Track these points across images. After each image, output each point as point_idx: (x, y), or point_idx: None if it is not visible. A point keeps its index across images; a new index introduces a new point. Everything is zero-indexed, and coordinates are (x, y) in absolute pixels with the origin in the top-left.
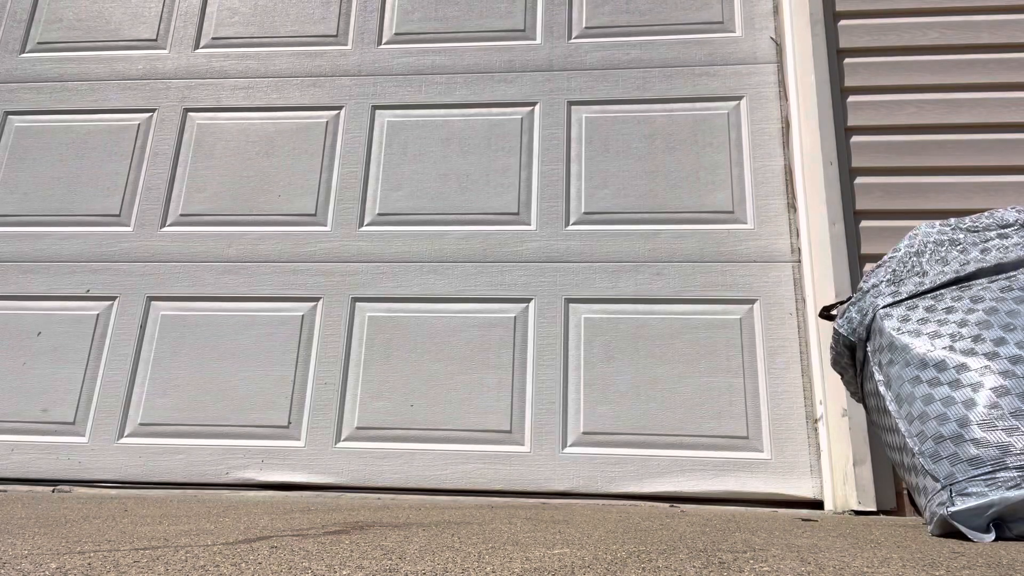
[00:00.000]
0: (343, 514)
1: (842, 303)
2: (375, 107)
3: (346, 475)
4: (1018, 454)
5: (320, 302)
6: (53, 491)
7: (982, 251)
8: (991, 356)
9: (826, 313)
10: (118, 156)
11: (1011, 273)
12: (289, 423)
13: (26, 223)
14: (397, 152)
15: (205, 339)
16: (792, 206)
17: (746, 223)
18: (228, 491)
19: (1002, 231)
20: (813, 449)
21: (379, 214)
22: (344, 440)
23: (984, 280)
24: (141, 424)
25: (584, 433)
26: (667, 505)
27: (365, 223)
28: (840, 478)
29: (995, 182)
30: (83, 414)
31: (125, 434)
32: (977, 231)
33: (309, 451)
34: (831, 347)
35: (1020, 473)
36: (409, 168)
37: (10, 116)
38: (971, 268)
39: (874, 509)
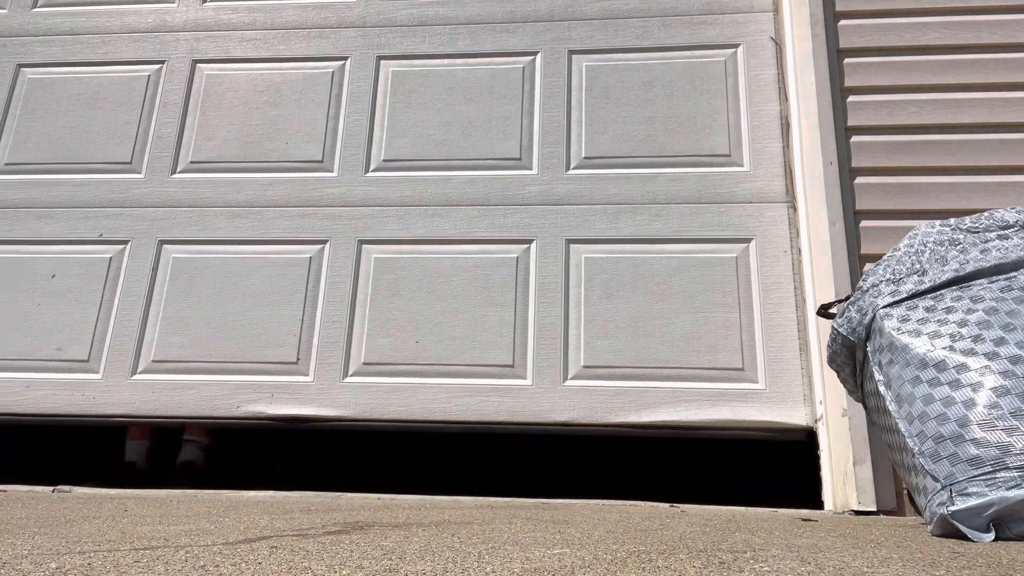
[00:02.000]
0: (343, 514)
1: (841, 302)
2: (380, 57)
3: (353, 408)
4: (1018, 454)
5: (327, 245)
6: (53, 491)
7: (982, 251)
8: (991, 356)
9: (824, 311)
10: (129, 106)
11: (1011, 273)
12: (298, 359)
13: (40, 171)
14: (402, 101)
15: (216, 280)
16: (787, 149)
17: (742, 166)
18: (238, 423)
19: (1002, 232)
20: (806, 380)
21: (384, 160)
22: (351, 375)
23: (984, 280)
24: (154, 361)
25: (584, 367)
26: (667, 505)
27: (371, 169)
28: (840, 478)
29: (995, 182)
30: (97, 352)
31: (138, 371)
32: (977, 231)
33: (317, 386)
34: (828, 345)
35: (1020, 473)
36: (414, 116)
37: (23, 68)
38: (971, 268)
39: (874, 509)
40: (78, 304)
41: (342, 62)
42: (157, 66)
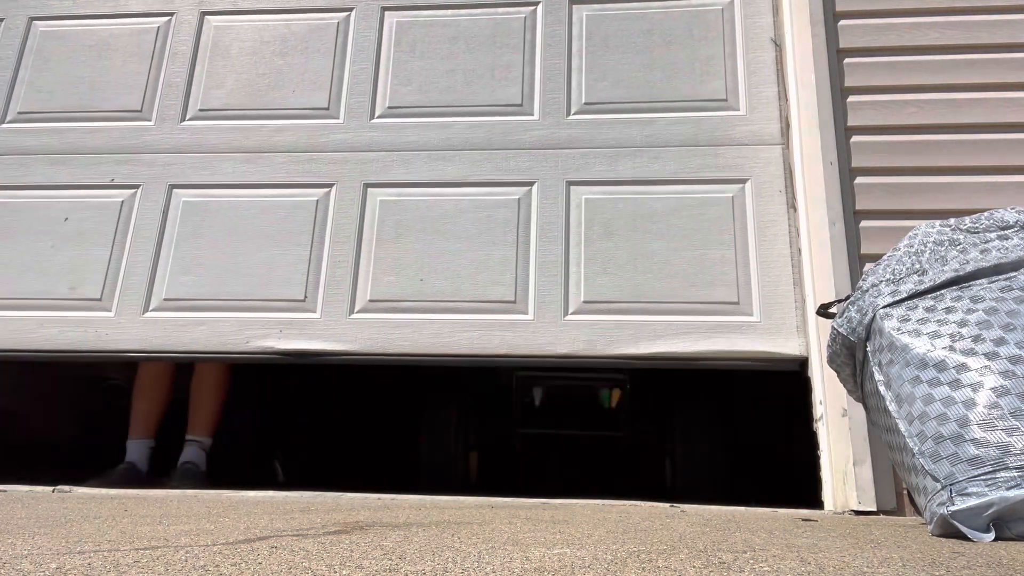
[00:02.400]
0: (343, 514)
1: (840, 301)
2: (384, 8)
3: (360, 343)
4: (1018, 454)
5: (334, 188)
6: (53, 491)
7: (982, 251)
8: (991, 356)
9: (824, 311)
10: (138, 57)
11: (1011, 273)
12: (305, 297)
13: (52, 119)
14: (406, 50)
15: (225, 223)
16: (783, 96)
17: (739, 110)
18: (248, 358)
19: (1002, 232)
20: (799, 313)
21: (389, 107)
22: (358, 312)
23: (984, 280)
24: (165, 299)
25: (585, 302)
26: (667, 505)
27: (376, 115)
28: (840, 478)
29: (995, 182)
30: (109, 291)
31: (150, 308)
32: (977, 232)
33: (324, 321)
34: (828, 345)
35: (1020, 473)
36: (417, 65)
37: (35, 21)
38: (971, 268)
39: (874, 509)
40: (90, 246)
41: (347, 13)
42: (166, 18)
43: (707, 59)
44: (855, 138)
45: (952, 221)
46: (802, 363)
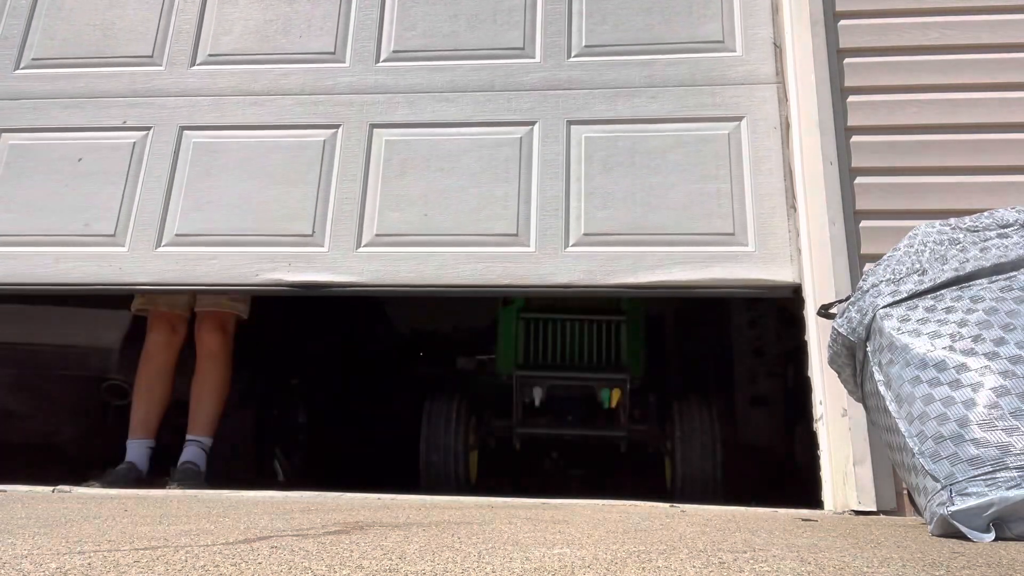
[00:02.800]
0: (343, 514)
1: (841, 302)
2: None
3: (366, 275)
4: (1018, 454)
5: (340, 129)
6: (53, 491)
7: (982, 251)
8: (991, 356)
9: (825, 311)
10: (148, 6)
11: (1011, 273)
12: (313, 232)
13: (64, 65)
14: None
15: (234, 163)
16: (777, 44)
17: (735, 51)
18: (258, 290)
19: (1002, 231)
20: (793, 244)
21: (394, 51)
22: (364, 246)
23: (984, 280)
24: (177, 235)
25: (584, 235)
26: (667, 505)
27: (381, 59)
28: (840, 478)
29: (995, 182)
30: (123, 227)
31: (163, 244)
32: (977, 231)
33: (332, 255)
34: (829, 345)
35: (1020, 473)
36: (421, 10)
37: None
38: (971, 268)
39: (874, 509)
40: (104, 185)
41: None
42: None
43: (704, 2)
44: (855, 138)
45: (952, 221)
46: (795, 289)
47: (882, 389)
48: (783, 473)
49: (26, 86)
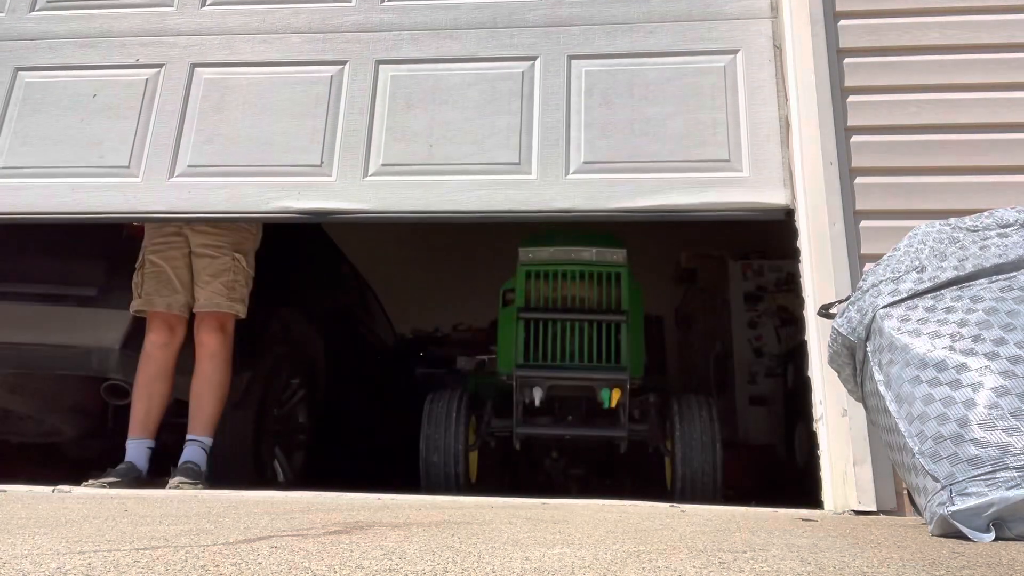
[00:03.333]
0: (343, 514)
1: (841, 302)
2: None
3: (373, 202)
4: (1018, 454)
5: (347, 65)
6: (53, 491)
7: (982, 250)
8: (991, 356)
9: (825, 311)
10: None
11: (1011, 273)
12: (321, 163)
13: (79, 7)
14: None
15: (244, 98)
16: None
17: None
18: (269, 217)
19: (1002, 231)
20: (786, 169)
21: None
22: (371, 175)
23: (984, 280)
24: (189, 166)
25: (585, 162)
26: (667, 505)
27: None
28: (840, 478)
29: (995, 182)
30: (136, 159)
31: (175, 174)
32: (977, 231)
33: (340, 184)
34: (829, 345)
35: (1020, 473)
36: None
37: None
38: (971, 267)
39: (874, 509)
40: (118, 119)
41: None
42: None
43: None
44: (855, 138)
45: (952, 220)
46: (788, 212)
47: (882, 389)
48: (782, 472)
49: (42, 27)
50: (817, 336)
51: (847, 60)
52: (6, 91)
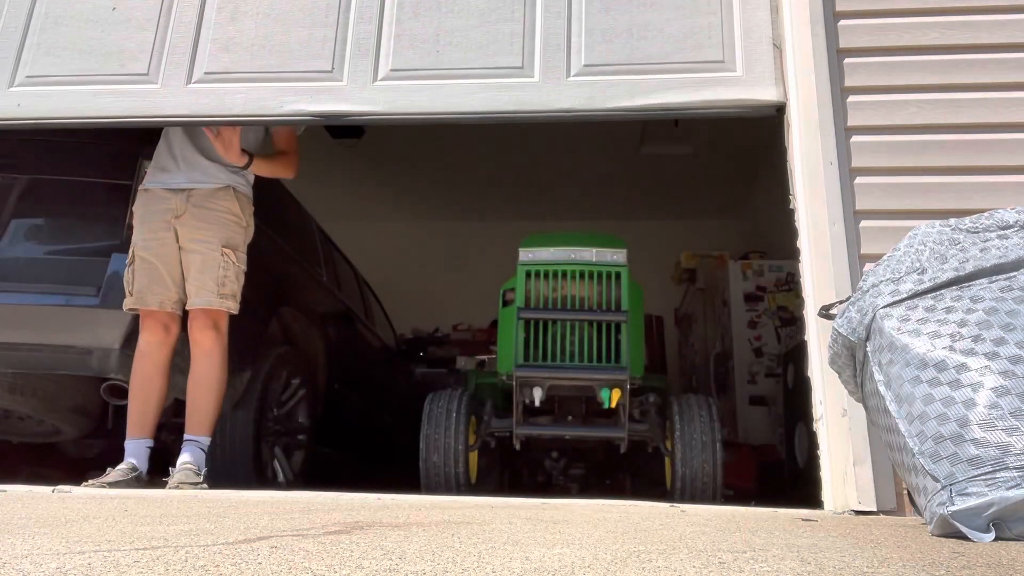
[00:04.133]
0: (343, 514)
1: (841, 302)
2: None
3: (383, 104)
4: (1018, 454)
5: None
6: (53, 491)
7: (982, 251)
8: (991, 356)
9: (825, 312)
10: None
11: (1011, 273)
12: (332, 68)
13: None
14: None
15: (257, 8)
16: None
17: None
18: (283, 119)
19: (1002, 231)
20: (778, 69)
21: None
22: (380, 79)
23: (984, 280)
24: (206, 73)
25: (585, 65)
26: (667, 505)
27: None
28: (840, 478)
29: (995, 182)
30: (155, 67)
31: (193, 80)
32: (977, 231)
33: (351, 88)
34: (829, 346)
35: (1020, 473)
36: None
37: None
38: (971, 268)
39: (874, 509)
40: (136, 30)
41: None
42: None
43: None
44: (855, 138)
45: (952, 221)
46: (779, 108)
47: (882, 389)
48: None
49: None
50: (817, 336)
51: (847, 60)
52: (29, 4)
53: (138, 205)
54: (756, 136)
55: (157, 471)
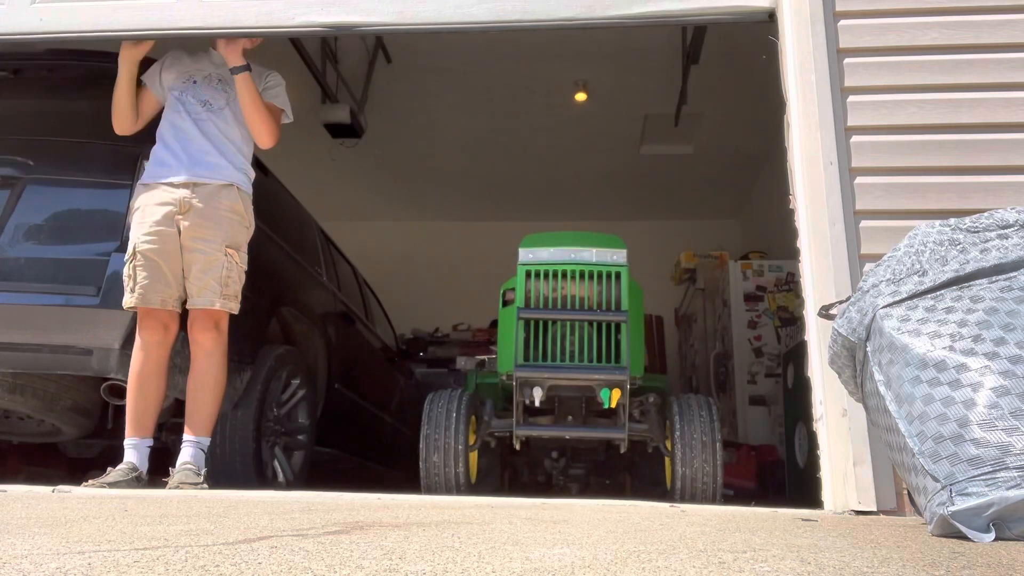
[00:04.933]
0: (343, 514)
1: (841, 302)
2: None
3: (391, 15)
4: (1018, 454)
5: None
6: (53, 491)
7: (982, 251)
8: (991, 356)
9: (825, 312)
10: None
11: (1011, 273)
12: None
13: None
14: None
15: None
16: None
17: None
18: (295, 31)
19: (1002, 231)
20: None
21: None
22: None
23: (984, 280)
24: None
25: None
26: (667, 505)
27: None
28: (840, 478)
29: (995, 182)
30: None
31: None
32: (977, 231)
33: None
34: (829, 346)
35: (1020, 473)
36: None
37: None
38: (971, 268)
39: (874, 509)
40: None
41: None
42: None
43: None
44: (855, 138)
45: (952, 221)
46: (770, 14)
47: (882, 389)
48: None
49: None
50: (817, 336)
51: (847, 60)
52: None
53: (137, 201)
54: (756, 136)
55: (157, 471)
